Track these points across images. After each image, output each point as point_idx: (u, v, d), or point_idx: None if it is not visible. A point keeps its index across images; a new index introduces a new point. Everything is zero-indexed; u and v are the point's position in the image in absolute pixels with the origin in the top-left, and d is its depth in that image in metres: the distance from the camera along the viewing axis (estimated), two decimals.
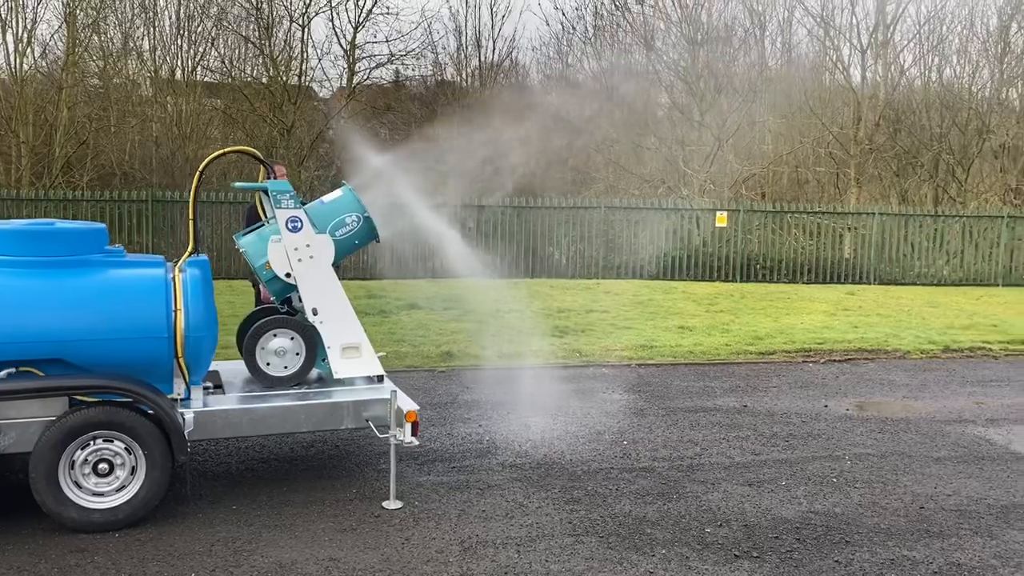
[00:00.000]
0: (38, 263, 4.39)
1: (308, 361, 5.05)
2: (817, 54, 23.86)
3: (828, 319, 11.27)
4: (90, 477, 4.20)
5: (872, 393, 7.84)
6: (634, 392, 7.55)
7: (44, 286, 4.34)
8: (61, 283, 4.36)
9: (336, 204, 5.18)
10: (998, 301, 14.21)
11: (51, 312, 4.27)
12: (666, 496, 5.01)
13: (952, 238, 17.79)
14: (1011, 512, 4.92)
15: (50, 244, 4.47)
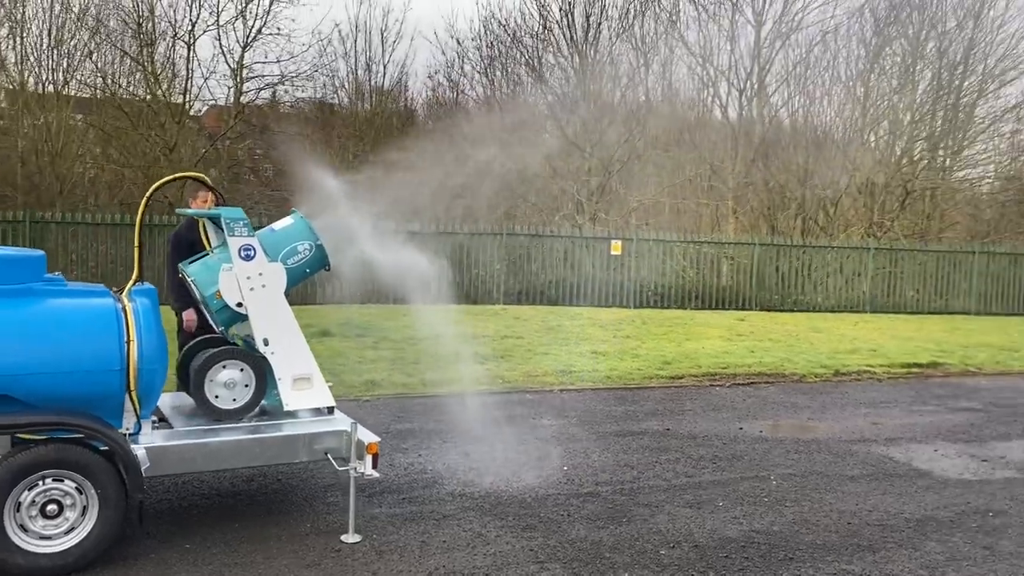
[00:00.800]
0: None
1: (258, 393, 4.92)
2: (697, 91, 25.12)
3: (726, 344, 11.84)
4: (37, 519, 3.96)
5: (779, 415, 8.30)
6: (562, 417, 7.71)
7: None
8: (5, 314, 4.11)
9: (288, 232, 5.11)
10: (872, 327, 15.29)
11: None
12: (616, 520, 5.16)
13: (823, 268, 19.02)
14: (926, 524, 5.33)
15: None
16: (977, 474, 6.51)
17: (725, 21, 23.35)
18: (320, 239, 5.10)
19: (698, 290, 17.86)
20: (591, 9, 22.82)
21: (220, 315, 4.89)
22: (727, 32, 23.43)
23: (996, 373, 11.41)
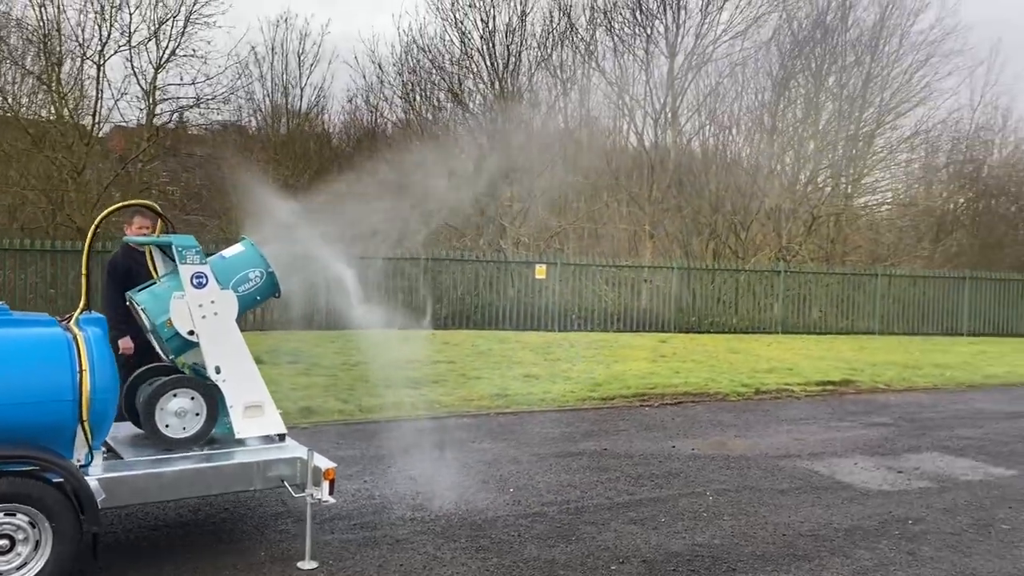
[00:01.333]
0: None
1: (209, 421, 4.89)
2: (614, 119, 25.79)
3: (652, 365, 12.19)
4: None
5: (708, 433, 8.61)
6: (501, 440, 7.82)
7: None
8: None
9: (239, 259, 5.10)
10: (785, 347, 15.94)
11: None
12: (566, 538, 5.30)
13: (737, 290, 19.76)
14: (854, 534, 5.65)
15: None
16: (895, 485, 6.91)
17: (640, 52, 24.10)
18: (271, 266, 5.12)
19: (620, 313, 18.29)
20: (511, 38, 23.23)
21: (171, 343, 4.85)
22: (642, 63, 24.19)
23: (903, 389, 12.08)
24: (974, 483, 7.05)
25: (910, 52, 25.66)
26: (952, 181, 27.54)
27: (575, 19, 23.76)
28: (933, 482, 7.05)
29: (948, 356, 15.96)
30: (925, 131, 26.73)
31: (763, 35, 24.65)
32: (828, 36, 25.24)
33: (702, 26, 24.10)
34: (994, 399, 11.79)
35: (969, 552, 5.35)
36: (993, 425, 9.68)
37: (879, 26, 25.63)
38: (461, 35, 23.21)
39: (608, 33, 24.08)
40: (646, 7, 23.73)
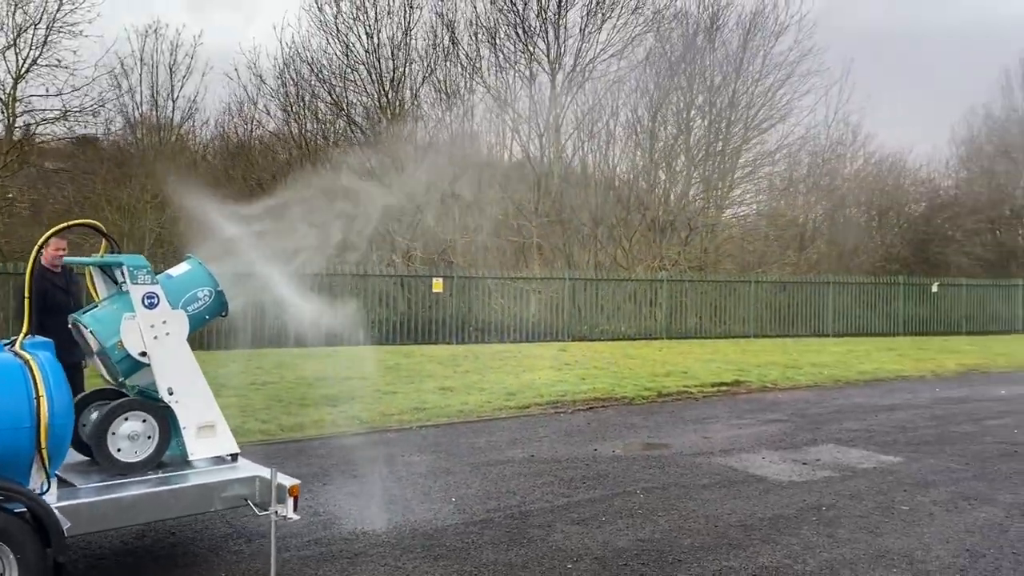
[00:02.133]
0: None
1: (162, 444, 4.80)
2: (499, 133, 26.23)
3: (558, 373, 12.53)
4: None
5: (623, 436, 8.99)
6: (429, 452, 7.91)
7: None
8: None
9: (187, 278, 5.03)
10: (674, 352, 16.68)
11: None
12: (517, 542, 5.48)
13: (624, 299, 20.50)
14: (777, 522, 6.09)
15: None
16: (802, 476, 7.45)
17: (523, 68, 24.64)
18: (219, 285, 5.08)
19: (515, 323, 18.62)
20: (396, 53, 23.27)
21: (121, 365, 4.73)
22: (525, 79, 24.74)
23: (788, 388, 12.92)
24: (870, 471, 7.69)
25: (772, 72, 27.38)
26: (811, 193, 29.47)
27: (459, 35, 24.06)
28: (834, 471, 7.65)
29: (822, 356, 17.14)
30: (786, 146, 28.58)
31: (639, 55, 25.71)
32: (698, 57, 26.60)
33: (581, 45, 24.91)
34: (868, 394, 12.78)
35: (879, 532, 5.88)
36: (874, 417, 10.52)
37: (743, 47, 27.25)
38: (345, 47, 23.06)
39: (492, 50, 24.50)
40: (528, 25, 24.31)
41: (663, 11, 25.55)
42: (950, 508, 6.48)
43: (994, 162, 35.56)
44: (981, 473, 7.63)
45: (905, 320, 25.53)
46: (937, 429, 9.77)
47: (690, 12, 26.96)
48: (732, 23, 27.35)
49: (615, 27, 24.84)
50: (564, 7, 24.36)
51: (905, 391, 13.15)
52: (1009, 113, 37.71)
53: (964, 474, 7.58)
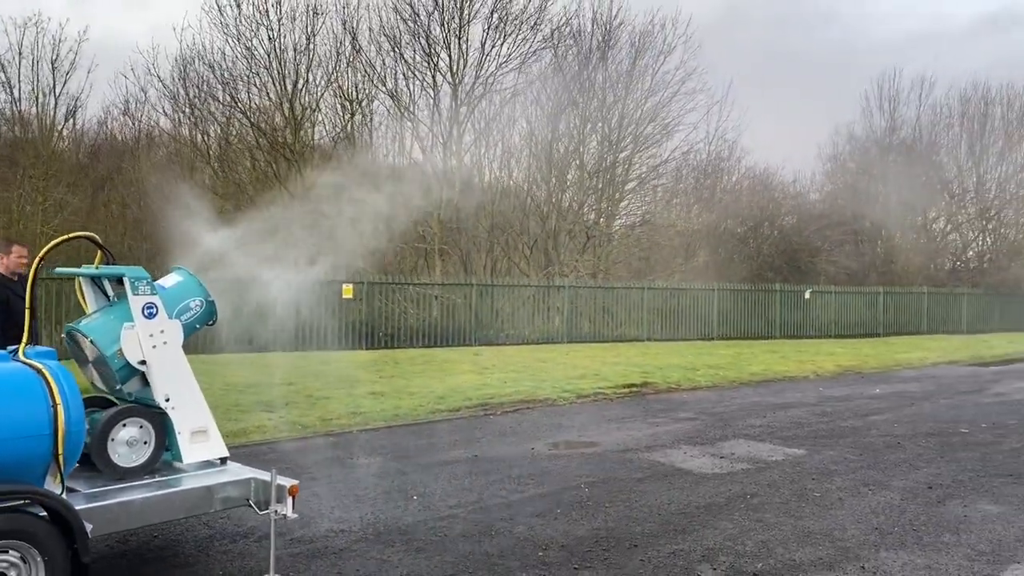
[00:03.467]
0: None
1: (158, 449, 4.96)
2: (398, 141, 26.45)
3: (480, 377, 12.97)
4: None
5: (555, 435, 9.52)
6: (377, 455, 8.20)
7: None
8: None
9: (180, 288, 5.21)
10: (581, 355, 17.43)
11: None
12: (487, 535, 5.90)
13: (525, 304, 21.17)
14: (711, 509, 6.74)
15: None
16: (723, 468, 8.18)
17: (427, 79, 24.97)
18: (211, 295, 5.28)
19: (423, 329, 18.94)
20: (299, 58, 23.15)
21: (120, 373, 4.88)
22: (428, 89, 25.07)
23: (690, 388, 13.82)
24: (780, 462, 8.51)
25: (660, 89, 28.74)
26: (695, 205, 31.07)
27: (364, 44, 24.15)
28: (750, 464, 8.42)
29: (715, 358, 18.28)
30: (672, 160, 30.05)
31: (537, 70, 26.50)
32: (592, 74, 27.63)
33: (482, 58, 25.44)
34: (762, 393, 13.84)
35: (800, 516, 6.61)
36: (772, 415, 11.48)
37: (632, 66, 28.49)
38: (247, 51, 22.76)
39: (395, 59, 24.70)
40: (431, 37, 24.66)
41: (560, 28, 26.42)
42: (854, 493, 7.31)
43: (856, 179, 38.41)
44: (874, 463, 8.57)
45: (781, 324, 27.34)
46: (829, 424, 10.79)
47: (585, 30, 27.94)
48: (624, 41, 28.55)
49: (515, 42, 25.52)
50: (466, 21, 24.85)
51: (794, 390, 14.30)
52: (869, 133, 40.86)
53: (860, 464, 8.50)
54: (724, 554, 5.62)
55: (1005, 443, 9.68)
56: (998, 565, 5.50)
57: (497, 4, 25.13)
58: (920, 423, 10.98)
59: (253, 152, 22.30)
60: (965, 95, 40.50)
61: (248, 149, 23.00)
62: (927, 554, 5.69)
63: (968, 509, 6.82)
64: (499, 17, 24.95)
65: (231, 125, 23.94)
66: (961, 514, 6.67)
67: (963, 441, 9.77)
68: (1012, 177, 40.00)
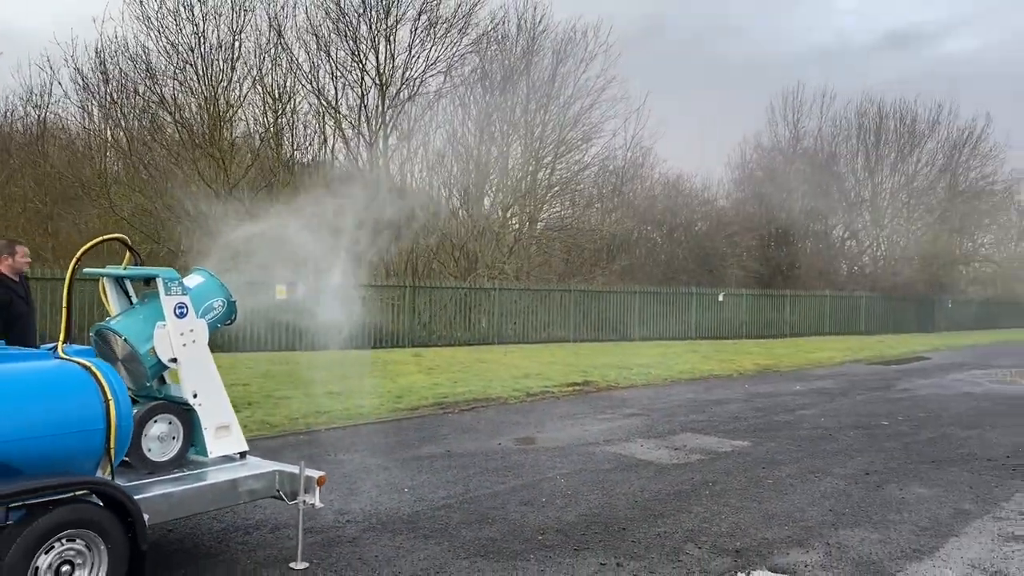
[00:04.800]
0: None
1: (185, 444, 5.15)
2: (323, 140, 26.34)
3: (429, 377, 13.26)
4: None
5: (514, 432, 9.93)
6: (353, 452, 8.44)
7: None
8: None
9: (203, 288, 5.39)
10: (519, 356, 17.89)
11: None
12: (486, 522, 6.26)
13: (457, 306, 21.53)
14: (681, 496, 7.27)
15: None
16: (681, 459, 8.76)
17: (354, 79, 24.99)
18: (232, 295, 5.48)
19: (360, 330, 19.03)
20: (225, 54, 22.83)
21: (152, 371, 5.05)
22: (355, 89, 25.10)
23: (628, 386, 14.46)
24: (730, 453, 9.15)
25: (580, 97, 29.52)
26: (616, 210, 32.03)
27: (290, 42, 24.00)
28: (703, 455, 9.03)
29: (644, 357, 19.05)
30: (593, 166, 30.90)
31: (464, 73, 26.86)
32: (516, 81, 28.18)
33: (409, 59, 25.63)
34: (695, 390, 14.60)
35: (760, 500, 7.22)
36: (710, 410, 12.20)
37: (554, 73, 29.18)
38: (170, 46, 22.30)
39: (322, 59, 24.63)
40: (359, 37, 24.70)
41: (488, 34, 26.85)
42: (803, 480, 7.99)
43: (763, 186, 40.25)
44: (812, 452, 9.31)
45: (697, 326, 28.50)
46: (763, 419, 11.56)
47: (510, 35, 28.47)
48: (547, 47, 29.20)
49: (444, 46, 25.81)
50: (394, 23, 24.99)
51: (723, 388, 15.13)
52: (774, 143, 42.91)
53: (800, 454, 9.23)
54: (704, 535, 6.15)
55: (921, 434, 10.62)
56: (940, 538, 6.20)
57: (425, 6, 25.39)
58: (843, 417, 11.88)
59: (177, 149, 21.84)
60: (862, 108, 43.08)
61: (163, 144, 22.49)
62: (879, 531, 6.36)
63: (904, 492, 7.57)
64: (428, 19, 25.20)
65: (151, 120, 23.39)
66: (899, 496, 7.41)
67: (885, 433, 10.67)
68: (903, 187, 42.77)
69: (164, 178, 21.50)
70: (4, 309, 5.94)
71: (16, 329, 5.90)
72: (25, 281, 6.37)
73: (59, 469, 4.11)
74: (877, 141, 42.78)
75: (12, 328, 5.83)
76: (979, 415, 12.30)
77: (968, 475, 8.29)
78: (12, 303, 6.02)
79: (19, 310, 6.09)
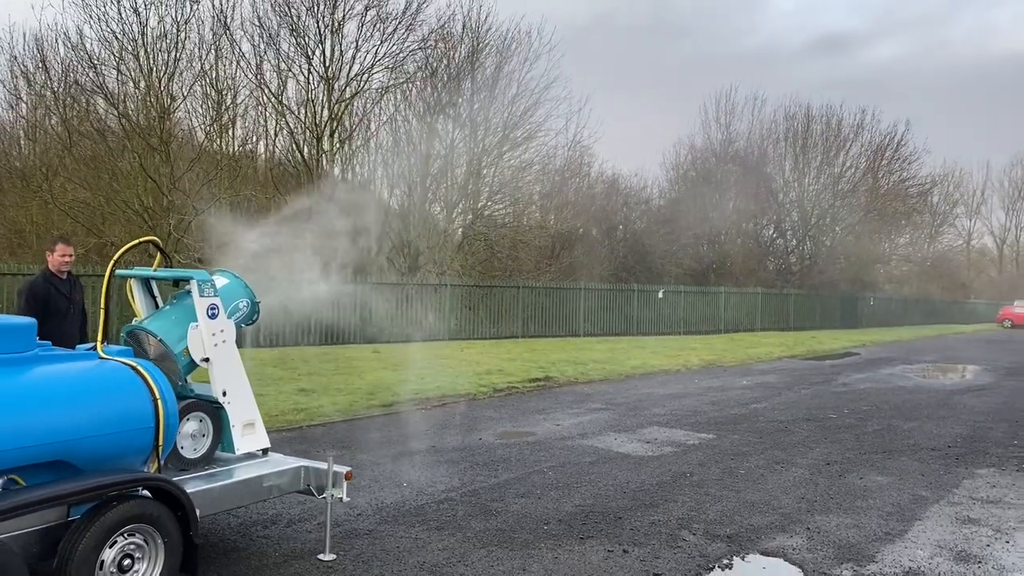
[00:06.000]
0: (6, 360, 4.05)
1: (215, 442, 5.29)
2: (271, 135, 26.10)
3: (395, 374, 13.42)
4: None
5: (491, 427, 10.21)
6: (342, 448, 8.60)
7: (34, 384, 4.05)
8: (50, 380, 4.12)
9: (229, 290, 5.52)
10: (475, 352, 18.15)
11: (52, 411, 4.03)
12: (490, 514, 6.54)
13: (412, 303, 21.67)
14: (664, 486, 7.67)
15: (5, 339, 4.13)
16: (655, 452, 9.18)
17: (301, 74, 24.82)
18: (256, 296, 5.63)
19: (308, 327, 19.02)
20: (169, 44, 22.42)
21: (185, 370, 5.17)
22: (302, 84, 24.93)
23: (586, 381, 14.88)
24: (698, 445, 9.62)
25: (524, 96, 29.87)
26: (560, 208, 32.52)
27: (236, 35, 23.69)
28: (674, 447, 9.47)
29: (594, 353, 19.53)
30: (537, 163, 31.31)
31: (410, 70, 26.90)
32: (461, 79, 28.36)
33: (355, 54, 25.57)
34: (650, 385, 15.11)
35: (738, 489, 7.67)
36: (669, 404, 12.69)
37: (498, 71, 29.47)
38: (112, 35, 21.79)
39: (269, 52, 24.39)
40: (306, 32, 24.53)
41: (435, 32, 26.95)
42: (771, 470, 8.49)
43: (697, 186, 41.37)
44: (774, 444, 9.85)
45: (638, 322, 29.23)
46: (720, 412, 12.10)
47: (455, 33, 28.61)
48: (492, 45, 29.45)
49: (392, 42, 25.81)
50: (341, 18, 24.89)
51: (675, 382, 15.69)
52: (708, 145, 44.09)
53: (763, 445, 9.75)
54: (695, 522, 6.55)
55: (868, 426, 11.29)
56: (906, 522, 6.74)
57: (372, 2, 25.35)
58: (794, 410, 12.51)
59: (121, 142, 21.36)
60: (790, 112, 44.64)
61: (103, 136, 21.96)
62: (850, 516, 6.87)
63: (865, 480, 8.13)
64: (378, 14, 25.18)
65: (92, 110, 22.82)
66: (861, 484, 7.96)
67: (835, 425, 11.32)
68: (828, 189, 44.47)
69: (106, 171, 21.05)
70: (43, 304, 5.96)
71: (51, 325, 5.91)
72: (73, 279, 6.39)
73: (111, 466, 4.24)
74: (804, 144, 44.42)
75: (46, 324, 5.84)
76: (915, 407, 13.09)
77: (918, 464, 8.92)
78: (50, 298, 6.02)
79: (57, 306, 6.09)
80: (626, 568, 5.44)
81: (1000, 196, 79.87)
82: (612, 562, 5.54)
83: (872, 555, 5.88)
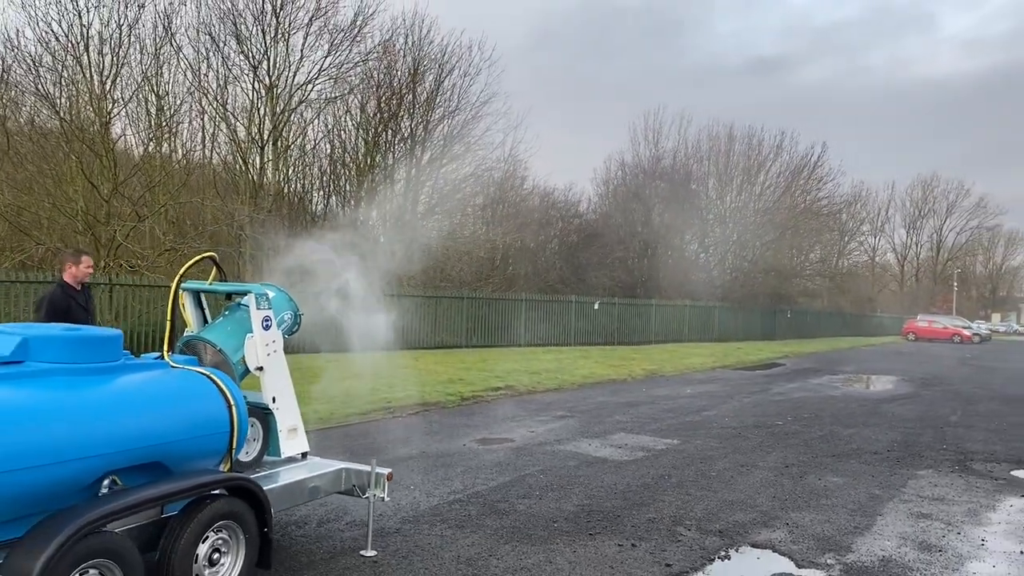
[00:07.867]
0: (100, 369, 4.33)
1: (264, 446, 5.62)
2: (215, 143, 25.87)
3: (361, 383, 13.63)
4: (205, 569, 4.40)
5: (469, 433, 10.64)
6: (339, 453, 8.87)
7: (130, 391, 4.34)
8: (141, 387, 4.41)
9: (276, 303, 5.84)
10: (430, 361, 18.46)
11: (150, 416, 4.33)
12: (499, 513, 6.99)
13: None
14: (648, 488, 8.25)
15: (100, 350, 4.42)
16: (629, 456, 9.77)
17: (246, 82, 24.76)
18: (300, 308, 5.97)
19: None
20: (113, 47, 22.09)
21: (241, 378, 5.48)
22: (248, 94, 24.87)
23: (543, 391, 15.43)
24: (667, 450, 10.25)
25: (464, 110, 30.38)
26: (500, 222, 33.07)
27: (181, 42, 23.50)
28: (645, 452, 10.09)
29: (542, 363, 20.11)
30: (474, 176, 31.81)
31: (353, 82, 27.11)
32: (403, 92, 28.71)
33: (300, 65, 25.64)
34: (604, 393, 15.76)
35: (715, 490, 8.31)
36: (628, 411, 13.34)
37: (438, 85, 29.91)
38: (52, 37, 21.35)
39: (213, 60, 24.25)
40: (252, 40, 24.50)
41: (379, 45, 27.22)
42: (739, 472, 9.18)
43: (627, 201, 42.57)
44: (735, 448, 10.57)
45: (575, 332, 30.00)
46: (678, 419, 12.81)
47: (397, 46, 28.92)
48: (433, 59, 29.87)
49: (336, 54, 25.96)
50: (286, 29, 24.95)
51: (627, 391, 16.39)
52: (637, 161, 45.41)
53: (725, 450, 10.46)
54: (687, 519, 7.15)
55: (813, 432, 12.16)
56: (869, 517, 7.48)
57: (317, 14, 25.49)
58: (742, 417, 13.33)
59: (62, 147, 20.91)
60: (714, 132, 46.41)
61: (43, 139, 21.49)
62: (820, 512, 7.58)
63: (823, 481, 8.89)
64: (324, 25, 25.32)
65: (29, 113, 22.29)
66: (821, 485, 8.71)
67: (783, 431, 12.14)
68: (747, 206, 46.36)
69: (45, 176, 20.58)
70: (63, 316, 6.13)
71: None
72: (87, 290, 6.55)
73: (194, 467, 4.56)
74: (727, 163, 46.25)
75: None
76: (850, 415, 14.08)
77: (865, 466, 9.75)
78: (71, 310, 6.20)
79: (77, 317, 6.27)
80: (639, 560, 5.97)
81: (902, 215, 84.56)
82: (625, 554, 6.07)
83: (848, 546, 6.57)
